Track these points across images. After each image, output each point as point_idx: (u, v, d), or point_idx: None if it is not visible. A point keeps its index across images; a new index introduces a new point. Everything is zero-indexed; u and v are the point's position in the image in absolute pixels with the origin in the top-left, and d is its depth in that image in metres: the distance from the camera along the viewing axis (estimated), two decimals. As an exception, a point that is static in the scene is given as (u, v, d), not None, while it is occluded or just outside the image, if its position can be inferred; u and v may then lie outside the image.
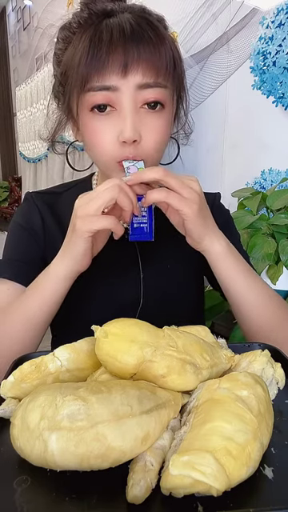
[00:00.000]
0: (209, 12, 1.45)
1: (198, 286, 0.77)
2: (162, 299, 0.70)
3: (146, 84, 0.56)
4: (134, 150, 0.57)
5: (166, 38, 0.58)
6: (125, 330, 0.41)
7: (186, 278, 0.73)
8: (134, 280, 0.69)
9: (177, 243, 0.66)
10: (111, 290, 0.69)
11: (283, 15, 1.16)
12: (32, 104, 3.00)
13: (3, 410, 0.40)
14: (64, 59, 0.61)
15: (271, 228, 1.02)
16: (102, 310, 0.67)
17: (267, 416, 0.36)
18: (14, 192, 4.07)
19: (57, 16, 2.95)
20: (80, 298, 0.67)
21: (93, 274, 0.68)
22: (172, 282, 0.71)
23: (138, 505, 0.31)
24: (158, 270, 0.70)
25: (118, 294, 0.68)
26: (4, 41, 4.39)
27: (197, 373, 0.41)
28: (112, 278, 0.69)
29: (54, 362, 0.44)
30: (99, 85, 0.55)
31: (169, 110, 0.60)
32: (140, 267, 0.69)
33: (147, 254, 0.70)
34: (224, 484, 0.30)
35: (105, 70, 0.55)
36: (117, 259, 0.69)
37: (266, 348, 0.49)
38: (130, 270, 0.69)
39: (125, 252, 0.69)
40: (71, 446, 0.32)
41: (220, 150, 1.48)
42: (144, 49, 0.55)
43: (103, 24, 0.56)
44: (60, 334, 0.75)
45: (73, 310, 0.68)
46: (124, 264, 0.69)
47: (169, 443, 0.36)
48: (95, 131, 0.58)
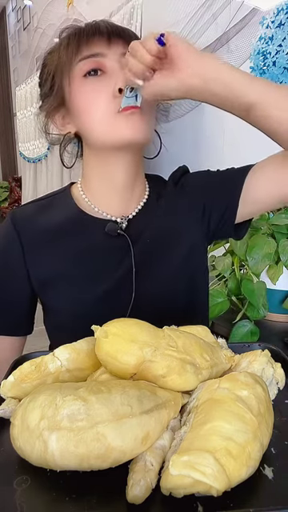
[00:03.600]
0: (209, 12, 1.45)
1: (197, 283, 0.75)
2: (155, 295, 0.69)
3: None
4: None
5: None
6: (125, 330, 0.41)
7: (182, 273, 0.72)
8: (126, 275, 0.68)
9: (172, 233, 0.67)
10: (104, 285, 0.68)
11: (283, 15, 1.16)
12: (32, 104, 3.00)
13: (3, 410, 0.40)
14: (49, 60, 0.67)
15: (271, 228, 1.02)
16: (93, 305, 0.67)
17: (267, 416, 0.36)
18: (14, 192, 4.07)
19: (57, 16, 2.96)
20: (72, 298, 0.67)
21: (86, 271, 0.67)
22: (166, 277, 0.70)
23: (138, 505, 0.31)
24: (151, 264, 0.69)
25: (110, 289, 0.68)
26: (4, 41, 4.39)
27: (197, 373, 0.41)
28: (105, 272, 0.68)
29: (54, 362, 0.44)
30: (88, 53, 0.61)
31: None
32: (133, 262, 0.68)
33: (140, 249, 0.69)
34: (224, 484, 0.30)
35: (92, 41, 0.61)
36: (110, 254, 0.68)
37: (265, 348, 0.49)
38: (123, 266, 0.68)
39: (118, 247, 0.69)
40: (71, 446, 0.32)
41: (220, 149, 1.48)
42: (123, 30, 0.64)
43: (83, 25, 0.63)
44: (55, 337, 0.74)
45: (66, 310, 0.68)
46: (118, 259, 0.69)
47: (169, 443, 0.36)
48: (90, 91, 0.62)
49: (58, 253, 0.68)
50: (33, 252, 0.69)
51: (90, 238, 0.68)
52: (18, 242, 0.69)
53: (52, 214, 0.71)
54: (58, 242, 0.69)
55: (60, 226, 0.69)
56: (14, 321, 0.72)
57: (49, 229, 0.70)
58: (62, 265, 0.68)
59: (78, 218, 0.69)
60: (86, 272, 0.68)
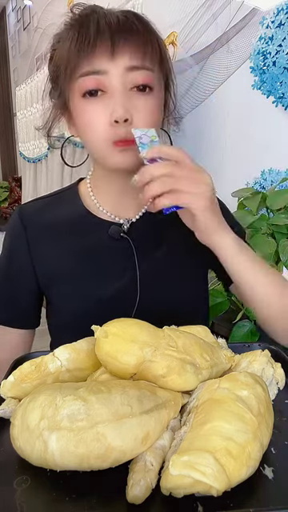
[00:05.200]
0: (209, 12, 1.45)
1: (198, 284, 0.76)
2: (158, 298, 0.69)
3: (134, 66, 0.58)
4: (126, 129, 0.58)
5: (152, 30, 0.61)
6: (125, 330, 0.41)
7: (185, 276, 0.73)
8: (130, 278, 0.68)
9: (175, 240, 0.67)
10: (107, 288, 0.68)
11: (283, 15, 1.16)
12: (32, 104, 3.00)
13: (3, 410, 0.40)
14: (55, 56, 0.63)
15: (271, 228, 1.02)
16: (97, 308, 0.67)
17: (267, 416, 0.36)
18: (14, 192, 4.07)
19: (57, 16, 2.95)
20: (76, 296, 0.67)
21: (89, 273, 0.67)
22: (169, 280, 0.71)
23: (138, 505, 0.31)
24: (154, 267, 0.70)
25: (114, 292, 0.68)
26: (4, 41, 4.39)
27: (197, 373, 0.41)
28: (108, 275, 0.68)
29: (54, 362, 0.44)
30: (89, 69, 0.57)
31: (157, 94, 0.62)
32: (136, 265, 0.68)
33: (143, 252, 0.69)
34: (224, 484, 0.30)
35: (94, 54, 0.56)
36: (113, 257, 0.69)
37: (266, 348, 0.49)
38: (126, 269, 0.69)
39: (121, 250, 0.69)
40: (71, 446, 0.32)
41: (220, 149, 1.48)
42: (131, 34, 0.57)
43: (90, 17, 0.58)
44: (56, 336, 0.75)
45: (69, 308, 0.68)
46: (120, 262, 0.69)
47: (169, 443, 0.36)
48: (87, 114, 0.60)
49: (62, 251, 0.69)
50: (38, 247, 0.69)
51: (94, 240, 0.69)
52: (24, 237, 0.70)
53: (58, 212, 0.71)
54: (62, 241, 0.69)
55: (65, 225, 0.70)
56: (22, 313, 0.73)
57: (54, 226, 0.70)
58: (65, 263, 0.68)
59: (83, 219, 0.70)
60: (89, 272, 0.68)
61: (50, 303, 0.72)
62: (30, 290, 0.71)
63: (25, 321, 0.74)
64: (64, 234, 0.69)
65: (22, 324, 0.73)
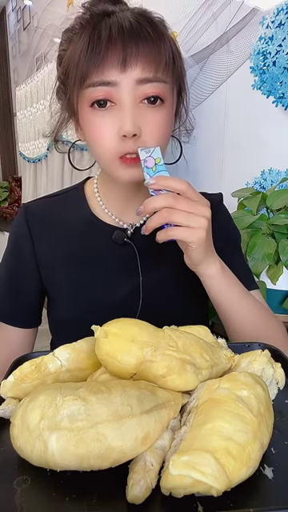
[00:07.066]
0: (209, 12, 1.45)
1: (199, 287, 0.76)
2: (161, 303, 0.70)
3: (146, 79, 0.56)
4: (134, 144, 0.56)
5: (165, 35, 0.59)
6: (125, 330, 0.41)
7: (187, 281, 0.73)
8: (133, 283, 0.69)
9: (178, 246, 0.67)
10: (110, 293, 0.69)
11: (283, 15, 1.16)
12: (32, 104, 3.00)
13: (3, 410, 0.40)
14: (65, 59, 0.62)
15: (271, 228, 1.02)
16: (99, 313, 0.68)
17: (267, 416, 0.36)
18: (14, 192, 4.07)
19: (57, 16, 2.96)
20: (78, 300, 0.68)
21: (92, 277, 0.68)
22: (172, 286, 0.71)
23: (138, 505, 0.31)
24: (157, 273, 0.70)
25: (117, 297, 0.68)
26: (4, 41, 4.39)
27: (197, 373, 0.41)
28: (111, 280, 0.69)
29: (53, 362, 0.44)
30: (98, 80, 0.56)
31: (169, 106, 0.60)
32: (139, 270, 0.68)
33: (146, 258, 0.70)
34: (224, 484, 0.30)
35: (104, 65, 0.55)
36: (116, 262, 0.69)
37: (266, 348, 0.49)
38: (129, 274, 0.69)
39: (124, 255, 0.69)
40: (71, 446, 0.32)
41: (220, 149, 1.48)
42: (143, 44, 0.55)
43: (103, 22, 0.56)
44: (57, 336, 0.75)
45: (71, 312, 0.68)
46: (123, 267, 0.69)
47: (169, 443, 0.36)
48: (96, 127, 0.58)
49: (65, 253, 0.69)
50: (42, 247, 0.70)
51: (98, 243, 0.69)
52: (28, 235, 0.70)
53: (63, 213, 0.71)
54: (65, 242, 0.69)
55: (69, 226, 0.70)
56: (24, 310, 0.73)
57: (59, 227, 0.70)
58: (68, 264, 0.69)
59: (88, 222, 0.70)
60: (91, 276, 0.68)
61: (51, 301, 0.73)
62: (33, 288, 0.71)
63: (27, 318, 0.74)
64: (68, 235, 0.70)
65: (23, 322, 0.73)
